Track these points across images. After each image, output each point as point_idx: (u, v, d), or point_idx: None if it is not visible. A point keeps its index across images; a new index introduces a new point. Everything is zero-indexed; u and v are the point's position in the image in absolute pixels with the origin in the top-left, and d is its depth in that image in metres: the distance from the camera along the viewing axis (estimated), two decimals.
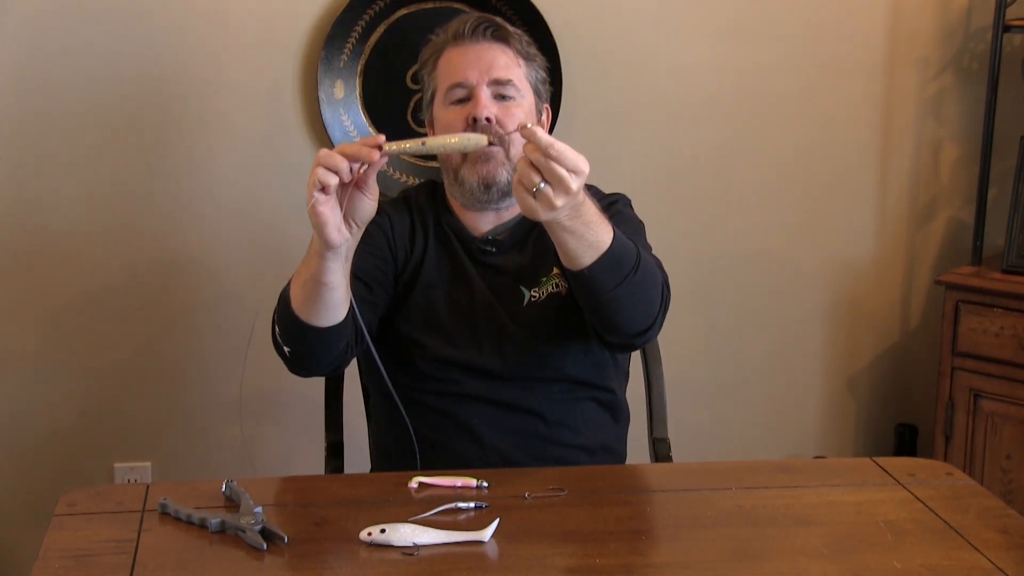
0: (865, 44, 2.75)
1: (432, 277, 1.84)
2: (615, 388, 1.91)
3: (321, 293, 1.58)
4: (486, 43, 1.81)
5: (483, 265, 1.85)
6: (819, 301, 2.86)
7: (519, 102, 1.81)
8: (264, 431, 2.67)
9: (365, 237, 1.79)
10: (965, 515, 1.51)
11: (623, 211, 1.87)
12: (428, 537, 1.40)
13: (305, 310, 1.61)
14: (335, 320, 1.63)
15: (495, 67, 1.79)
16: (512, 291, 1.84)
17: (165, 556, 1.38)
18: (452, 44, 1.82)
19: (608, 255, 1.57)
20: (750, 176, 2.76)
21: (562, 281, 1.83)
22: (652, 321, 1.70)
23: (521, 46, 1.84)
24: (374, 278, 1.80)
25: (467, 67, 1.79)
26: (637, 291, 1.63)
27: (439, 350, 1.82)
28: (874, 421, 2.96)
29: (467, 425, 1.81)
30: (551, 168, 1.45)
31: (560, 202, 1.47)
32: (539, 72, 1.87)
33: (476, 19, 1.83)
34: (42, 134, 2.48)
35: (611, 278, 1.59)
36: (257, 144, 2.54)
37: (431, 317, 1.83)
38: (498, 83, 1.79)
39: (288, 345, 1.69)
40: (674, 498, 1.61)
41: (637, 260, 1.62)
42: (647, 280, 1.65)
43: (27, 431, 2.59)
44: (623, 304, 1.63)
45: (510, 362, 1.81)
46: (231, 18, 2.49)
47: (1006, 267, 2.61)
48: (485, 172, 1.79)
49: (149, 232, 2.55)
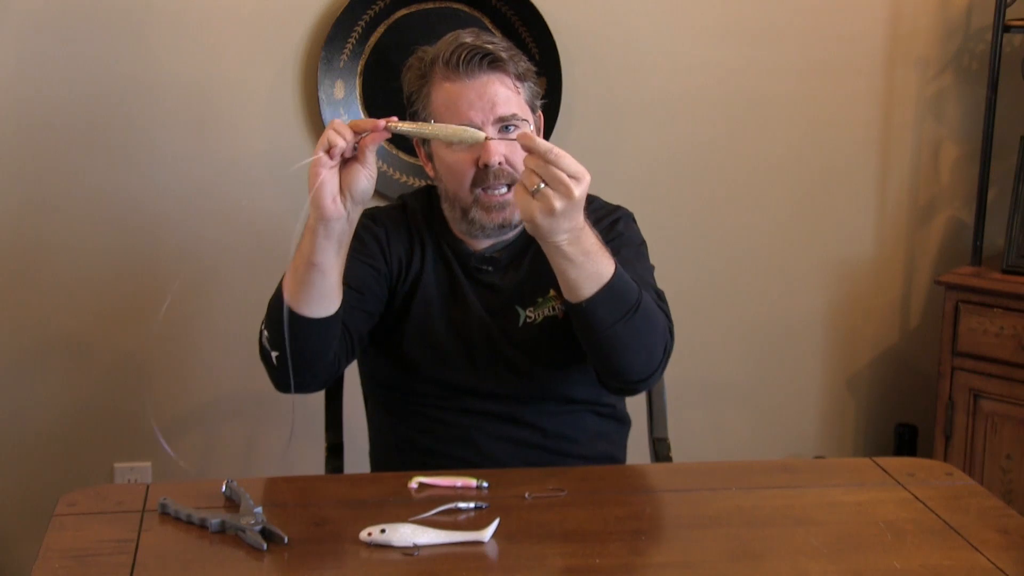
0: (865, 44, 2.75)
1: (430, 294, 1.81)
2: (615, 402, 1.89)
3: (313, 278, 1.56)
4: (483, 76, 1.71)
5: (480, 284, 1.81)
6: (819, 301, 2.86)
7: (523, 130, 1.72)
8: (264, 431, 2.67)
9: (358, 244, 1.76)
10: (965, 515, 1.51)
11: (624, 232, 1.82)
12: (428, 537, 1.40)
13: (297, 298, 1.58)
14: (327, 311, 1.60)
15: (498, 105, 1.70)
16: (508, 311, 1.80)
17: (165, 556, 1.39)
18: (444, 77, 1.72)
19: (608, 289, 1.55)
20: (750, 176, 2.76)
21: (558, 304, 1.78)
22: (653, 369, 1.66)
23: (516, 68, 1.74)
24: (366, 285, 1.76)
25: (469, 107, 1.70)
26: (638, 333, 1.60)
27: (435, 371, 1.80)
28: (874, 421, 2.96)
29: (465, 436, 1.80)
30: (551, 172, 1.44)
31: (559, 204, 1.44)
32: (533, 88, 1.79)
33: (469, 51, 1.70)
34: (41, 135, 2.48)
35: (610, 313, 1.56)
36: (257, 144, 2.54)
37: (427, 336, 1.80)
38: (502, 120, 1.71)
39: (276, 349, 1.63)
40: (674, 498, 1.61)
41: (638, 300, 1.59)
42: (649, 322, 1.62)
43: (27, 431, 2.59)
44: (621, 344, 1.59)
45: (505, 383, 1.79)
46: (231, 18, 2.49)
47: (1006, 267, 2.61)
48: (501, 219, 1.74)
49: (149, 232, 2.55)
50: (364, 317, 1.76)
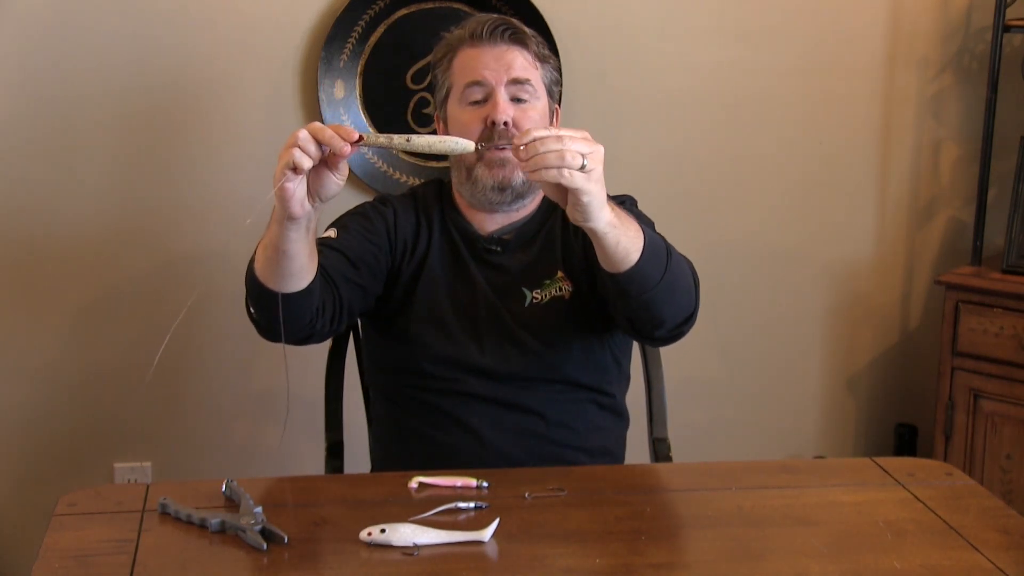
0: (865, 44, 2.75)
1: (436, 274, 1.85)
2: (615, 393, 1.92)
3: (279, 260, 1.57)
4: (504, 45, 1.82)
5: (487, 264, 1.86)
6: (819, 301, 2.86)
7: (534, 104, 1.82)
8: (264, 431, 2.68)
9: (364, 221, 1.84)
10: (965, 515, 1.51)
11: (632, 210, 1.86)
12: (428, 537, 1.40)
13: (265, 274, 1.61)
14: (294, 288, 1.61)
15: (514, 68, 1.80)
16: (514, 292, 1.84)
17: (165, 556, 1.39)
18: (469, 44, 1.83)
19: (648, 246, 1.58)
20: (750, 176, 2.76)
21: (566, 285, 1.83)
22: (694, 306, 1.71)
23: (537, 48, 1.85)
24: (363, 260, 1.80)
25: (485, 67, 1.80)
26: (676, 276, 1.64)
27: (441, 348, 1.82)
28: (874, 421, 2.96)
29: (468, 424, 1.81)
30: (579, 145, 1.45)
31: (600, 168, 1.46)
32: (553, 74, 1.88)
33: (494, 21, 1.83)
34: (42, 137, 2.48)
35: (656, 268, 1.60)
36: (257, 144, 2.54)
37: (434, 315, 1.84)
38: (516, 83, 1.80)
39: (253, 308, 1.69)
40: (674, 498, 1.62)
41: (666, 245, 1.64)
42: (680, 264, 1.67)
43: (27, 431, 2.59)
44: (669, 292, 1.63)
45: (511, 362, 1.82)
46: (231, 18, 2.49)
47: (1006, 267, 2.61)
48: (502, 176, 1.80)
49: (148, 233, 2.55)
50: (357, 290, 1.79)
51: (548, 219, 1.89)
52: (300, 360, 1.84)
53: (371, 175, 2.57)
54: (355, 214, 1.88)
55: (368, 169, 2.57)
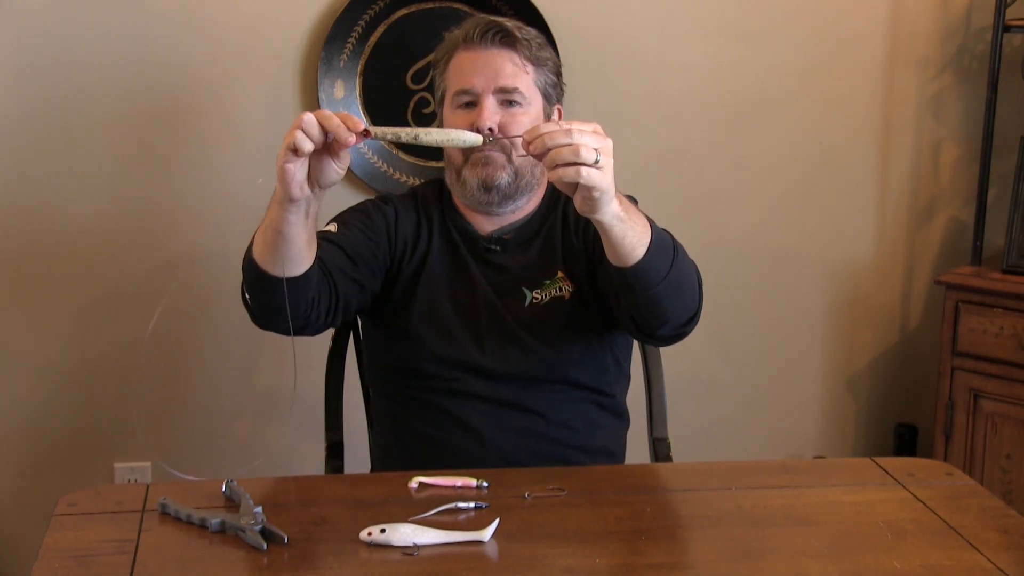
0: (865, 44, 2.75)
1: (436, 274, 1.86)
2: (616, 393, 1.92)
3: (278, 243, 1.57)
4: (495, 49, 1.82)
5: (487, 264, 1.86)
6: (819, 301, 2.86)
7: (526, 109, 1.82)
8: (264, 431, 2.68)
9: (365, 218, 1.85)
10: (965, 515, 1.51)
11: None
12: (428, 537, 1.40)
13: (263, 258, 1.61)
14: (292, 273, 1.61)
15: (501, 75, 1.81)
16: (514, 292, 1.84)
17: (165, 556, 1.39)
18: (463, 47, 1.84)
19: (655, 241, 1.58)
20: (749, 176, 2.76)
21: (567, 285, 1.84)
22: (698, 305, 1.71)
23: (530, 51, 1.84)
24: (362, 256, 1.80)
25: (474, 74, 1.81)
26: (682, 272, 1.64)
27: (441, 348, 1.83)
28: (874, 421, 2.96)
29: (468, 423, 1.81)
30: (589, 139, 1.44)
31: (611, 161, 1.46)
32: (549, 76, 1.88)
33: (486, 24, 1.84)
34: (43, 137, 2.48)
35: (662, 262, 1.60)
36: (257, 144, 2.54)
37: (434, 315, 1.84)
38: (503, 91, 1.81)
39: (249, 294, 1.68)
40: (674, 498, 1.62)
41: (673, 240, 1.65)
42: (686, 260, 1.67)
43: (27, 431, 2.59)
44: (675, 289, 1.63)
45: (511, 362, 1.82)
46: (231, 19, 2.49)
47: (1006, 267, 2.61)
48: (485, 175, 1.81)
49: (148, 233, 2.55)
50: (354, 285, 1.79)
51: (548, 219, 1.89)
52: (300, 360, 1.84)
53: (371, 175, 2.57)
54: (356, 211, 1.89)
55: (368, 169, 2.57)
